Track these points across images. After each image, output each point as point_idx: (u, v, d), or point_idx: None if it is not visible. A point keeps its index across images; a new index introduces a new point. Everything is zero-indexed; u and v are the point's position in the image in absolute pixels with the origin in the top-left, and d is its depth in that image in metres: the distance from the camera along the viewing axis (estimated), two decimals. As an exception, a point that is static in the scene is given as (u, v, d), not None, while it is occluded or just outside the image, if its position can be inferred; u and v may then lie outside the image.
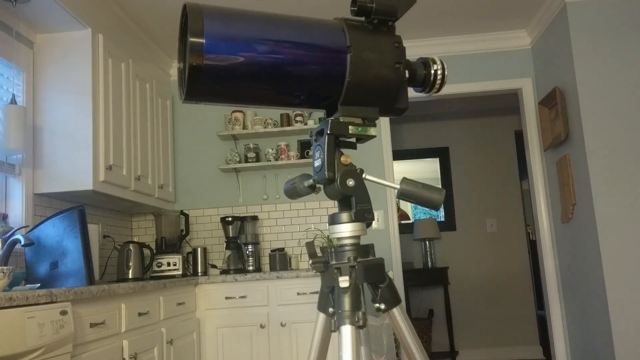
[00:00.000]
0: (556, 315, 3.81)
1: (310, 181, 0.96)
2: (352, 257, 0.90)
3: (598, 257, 3.16)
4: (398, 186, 0.91)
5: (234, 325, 3.33)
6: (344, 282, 0.86)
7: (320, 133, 0.92)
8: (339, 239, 0.93)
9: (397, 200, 4.30)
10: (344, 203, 0.94)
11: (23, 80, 2.79)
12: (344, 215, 0.91)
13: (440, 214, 5.56)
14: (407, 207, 5.72)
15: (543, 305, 4.17)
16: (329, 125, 0.87)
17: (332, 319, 0.88)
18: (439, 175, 5.55)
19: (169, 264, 3.56)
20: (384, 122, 4.07)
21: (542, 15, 3.70)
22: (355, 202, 0.90)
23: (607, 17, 3.35)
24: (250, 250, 3.78)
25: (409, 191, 0.90)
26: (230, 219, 3.78)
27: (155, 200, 3.65)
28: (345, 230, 0.92)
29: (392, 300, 0.91)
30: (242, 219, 3.84)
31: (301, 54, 0.83)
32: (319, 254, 0.94)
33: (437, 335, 5.31)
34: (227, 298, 3.35)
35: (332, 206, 3.99)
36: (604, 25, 3.35)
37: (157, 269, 3.56)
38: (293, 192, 0.96)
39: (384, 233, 3.99)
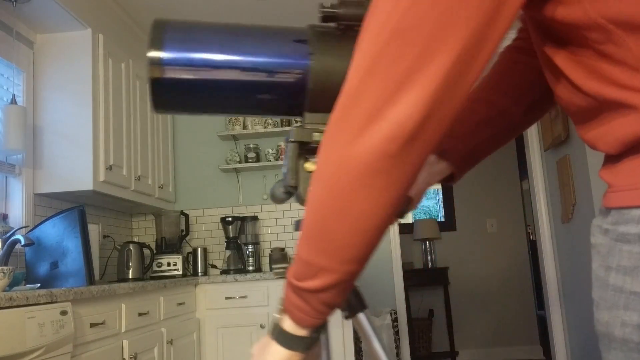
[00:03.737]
0: (556, 315, 3.81)
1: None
2: None
3: (598, 257, 3.15)
4: None
5: (234, 325, 3.33)
6: None
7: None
8: None
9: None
10: None
11: (23, 80, 2.78)
12: None
13: (440, 214, 5.56)
14: (407, 207, 5.72)
15: (543, 305, 4.17)
16: (292, 133, 0.87)
17: None
18: (439, 175, 5.55)
19: (169, 264, 3.56)
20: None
21: (542, 15, 3.70)
22: None
23: (607, 17, 3.35)
24: (250, 250, 3.78)
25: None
26: (230, 219, 3.78)
27: (155, 200, 3.65)
28: None
29: (358, 306, 0.90)
30: (242, 219, 3.84)
31: (261, 63, 0.84)
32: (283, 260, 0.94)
33: (437, 335, 5.31)
34: (227, 298, 3.35)
35: (332, 206, 3.99)
36: (604, 25, 3.34)
37: (157, 269, 3.56)
38: (273, 198, 0.96)
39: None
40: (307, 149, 0.87)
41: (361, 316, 0.88)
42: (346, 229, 0.55)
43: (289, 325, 0.66)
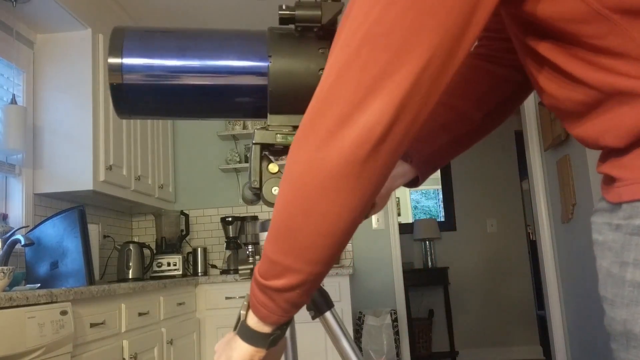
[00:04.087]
0: (556, 315, 3.81)
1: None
2: None
3: (598, 257, 3.15)
4: None
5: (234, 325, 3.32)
6: None
7: None
8: None
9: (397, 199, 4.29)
10: None
11: (23, 80, 2.79)
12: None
13: (440, 214, 5.56)
14: (406, 206, 5.72)
15: (543, 305, 4.17)
16: (256, 135, 0.87)
17: None
18: (439, 175, 5.55)
19: (169, 264, 3.56)
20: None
21: (542, 15, 3.69)
22: None
23: (607, 17, 3.34)
24: (250, 250, 3.78)
25: None
26: (230, 219, 3.78)
27: (155, 200, 3.65)
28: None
29: (324, 305, 0.91)
30: (242, 219, 3.84)
31: (221, 67, 0.84)
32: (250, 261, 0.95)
33: (437, 335, 5.31)
34: (227, 298, 3.35)
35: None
36: (604, 25, 3.34)
37: (157, 269, 3.56)
38: (244, 199, 0.97)
39: (384, 233, 3.99)
40: (271, 151, 0.87)
41: (328, 315, 0.87)
42: (312, 230, 0.56)
43: (253, 321, 0.66)
